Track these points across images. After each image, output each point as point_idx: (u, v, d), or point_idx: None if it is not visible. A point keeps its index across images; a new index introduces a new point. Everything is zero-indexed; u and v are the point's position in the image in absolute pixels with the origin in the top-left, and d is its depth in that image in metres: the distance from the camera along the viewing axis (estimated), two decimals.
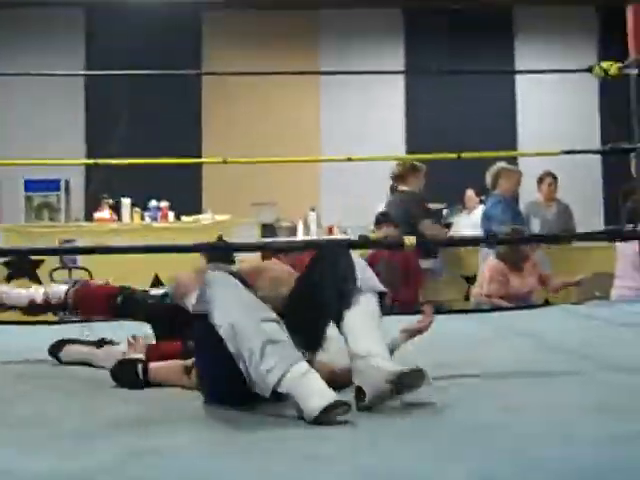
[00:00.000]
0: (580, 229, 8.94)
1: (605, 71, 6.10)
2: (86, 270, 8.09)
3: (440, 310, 6.15)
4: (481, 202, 9.31)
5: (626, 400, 2.71)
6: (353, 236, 9.20)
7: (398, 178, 7.95)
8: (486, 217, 7.83)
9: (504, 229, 7.22)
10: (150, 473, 1.96)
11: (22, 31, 11.98)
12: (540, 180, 9.00)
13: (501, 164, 8.04)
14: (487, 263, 7.21)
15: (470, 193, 10.04)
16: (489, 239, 6.98)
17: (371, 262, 6.52)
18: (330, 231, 10.55)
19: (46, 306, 3.95)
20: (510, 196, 7.97)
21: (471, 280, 7.90)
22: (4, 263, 8.30)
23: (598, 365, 3.48)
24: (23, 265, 8.34)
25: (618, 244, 6.65)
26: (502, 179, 7.86)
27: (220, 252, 4.49)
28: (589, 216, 10.61)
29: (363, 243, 6.14)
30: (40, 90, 11.79)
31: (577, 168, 10.59)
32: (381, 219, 7.58)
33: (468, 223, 9.57)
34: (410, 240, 3.34)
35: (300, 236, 10.37)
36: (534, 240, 7.28)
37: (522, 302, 6.84)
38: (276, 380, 2.49)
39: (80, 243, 8.79)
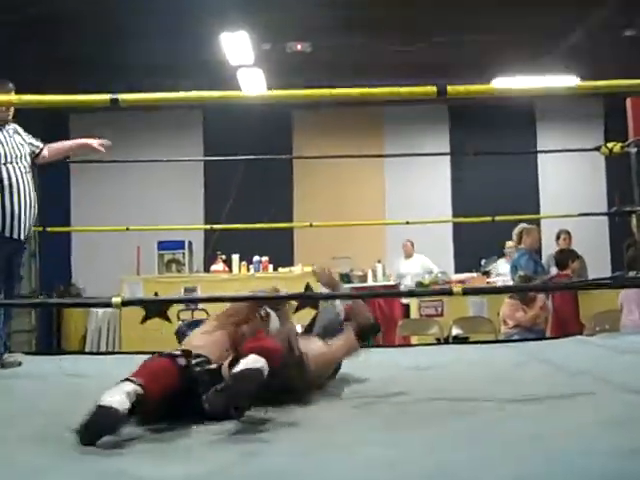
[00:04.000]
0: (592, 274, 8.70)
1: (610, 150, 5.97)
2: (204, 311, 7.96)
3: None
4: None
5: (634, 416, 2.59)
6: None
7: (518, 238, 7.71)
8: (514, 266, 7.65)
9: (520, 274, 7.07)
10: None
11: (155, 128, 12.22)
12: (557, 236, 8.84)
13: (523, 224, 7.84)
14: (504, 302, 7.11)
15: (511, 243, 9.82)
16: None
17: None
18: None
19: None
20: (533, 249, 7.76)
21: None
22: (142, 306, 8.32)
23: (608, 386, 3.35)
24: (157, 308, 8.36)
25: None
26: (525, 236, 7.68)
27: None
28: (599, 264, 10.33)
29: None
30: (170, 174, 12.01)
31: (589, 226, 10.34)
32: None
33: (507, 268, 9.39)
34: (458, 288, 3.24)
35: (370, 282, 10.54)
36: (550, 288, 7.00)
37: (531, 330, 6.75)
38: None
39: (200, 290, 8.82)
